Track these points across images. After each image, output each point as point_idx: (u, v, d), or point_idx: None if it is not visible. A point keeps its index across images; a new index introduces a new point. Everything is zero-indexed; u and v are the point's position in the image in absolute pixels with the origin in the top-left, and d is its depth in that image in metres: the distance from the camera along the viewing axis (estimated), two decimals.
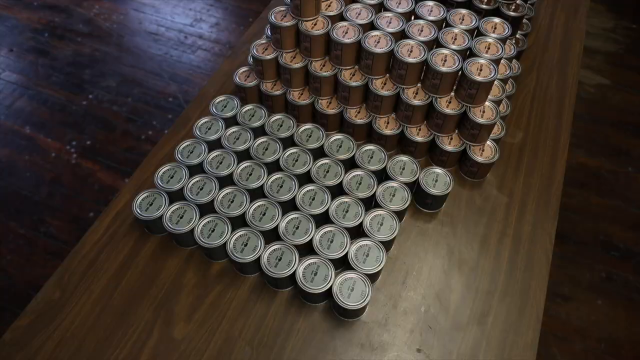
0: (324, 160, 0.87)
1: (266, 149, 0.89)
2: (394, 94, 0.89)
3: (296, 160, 0.87)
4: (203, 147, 0.90)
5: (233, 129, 0.93)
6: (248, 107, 0.97)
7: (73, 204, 1.90)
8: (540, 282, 0.84)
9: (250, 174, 0.85)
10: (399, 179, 0.85)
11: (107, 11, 2.75)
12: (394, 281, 0.82)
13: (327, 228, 0.79)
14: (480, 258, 0.86)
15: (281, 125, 0.94)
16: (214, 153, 0.88)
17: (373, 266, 0.76)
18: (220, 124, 0.94)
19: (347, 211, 0.80)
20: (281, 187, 0.84)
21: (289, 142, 0.92)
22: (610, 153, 2.07)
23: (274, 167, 0.87)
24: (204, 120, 0.95)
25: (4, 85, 2.33)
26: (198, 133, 0.92)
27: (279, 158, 0.88)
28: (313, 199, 0.82)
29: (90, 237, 0.87)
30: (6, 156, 2.06)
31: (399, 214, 0.82)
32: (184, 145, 0.90)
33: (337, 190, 0.85)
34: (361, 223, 0.79)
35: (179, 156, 0.88)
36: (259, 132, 0.94)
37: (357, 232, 0.80)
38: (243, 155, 0.89)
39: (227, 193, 0.83)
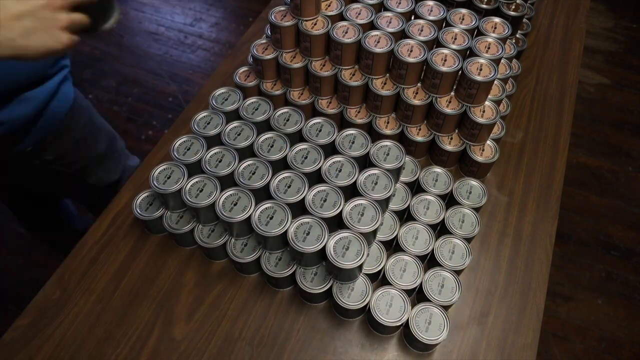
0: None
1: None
2: (394, 94, 0.89)
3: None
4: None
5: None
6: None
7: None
8: (540, 282, 0.84)
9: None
10: (400, 179, 0.85)
11: None
12: None
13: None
14: (480, 258, 0.86)
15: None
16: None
17: (373, 265, 0.76)
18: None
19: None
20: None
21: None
22: (610, 153, 2.07)
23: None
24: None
25: None
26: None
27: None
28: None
29: (90, 237, 0.87)
30: None
31: (399, 214, 0.82)
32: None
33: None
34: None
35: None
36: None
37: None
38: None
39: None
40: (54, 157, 1.01)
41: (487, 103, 0.88)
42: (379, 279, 0.81)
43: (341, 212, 0.75)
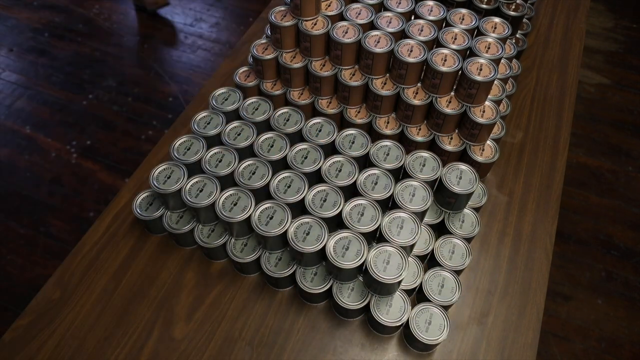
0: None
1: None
2: (394, 94, 0.89)
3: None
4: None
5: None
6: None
7: (73, 204, 1.90)
8: (540, 281, 0.84)
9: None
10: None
11: (107, 11, 2.75)
12: None
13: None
14: (480, 258, 0.86)
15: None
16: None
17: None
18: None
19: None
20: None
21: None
22: (610, 153, 2.07)
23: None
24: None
25: (4, 85, 2.33)
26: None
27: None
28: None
29: (90, 237, 0.87)
30: (6, 156, 2.06)
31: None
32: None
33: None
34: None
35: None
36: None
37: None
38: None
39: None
40: None
41: (487, 103, 0.88)
42: None
43: (341, 212, 0.75)
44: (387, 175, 0.79)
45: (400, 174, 0.84)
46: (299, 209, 0.76)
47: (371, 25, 0.90)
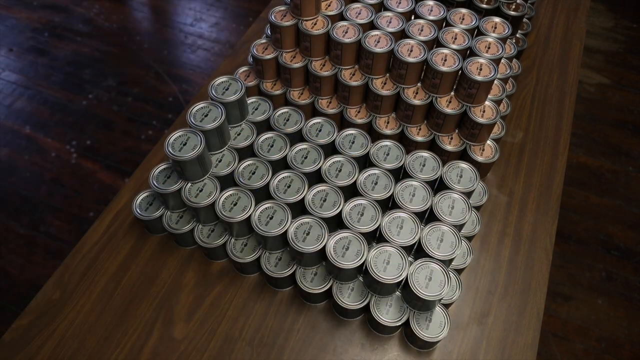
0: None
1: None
2: (394, 94, 0.89)
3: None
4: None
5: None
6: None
7: (73, 204, 1.90)
8: (540, 281, 0.84)
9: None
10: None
11: (107, 11, 2.75)
12: None
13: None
14: (480, 258, 0.86)
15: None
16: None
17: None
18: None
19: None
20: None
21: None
22: (610, 153, 2.07)
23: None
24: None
25: (3, 85, 2.33)
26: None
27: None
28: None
29: (90, 237, 0.87)
30: (6, 156, 2.06)
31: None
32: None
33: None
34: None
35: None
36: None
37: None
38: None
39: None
40: None
41: (487, 103, 0.88)
42: None
43: (341, 212, 0.75)
44: (387, 175, 0.79)
45: (400, 174, 0.84)
46: (299, 209, 0.76)
47: (371, 25, 0.90)
